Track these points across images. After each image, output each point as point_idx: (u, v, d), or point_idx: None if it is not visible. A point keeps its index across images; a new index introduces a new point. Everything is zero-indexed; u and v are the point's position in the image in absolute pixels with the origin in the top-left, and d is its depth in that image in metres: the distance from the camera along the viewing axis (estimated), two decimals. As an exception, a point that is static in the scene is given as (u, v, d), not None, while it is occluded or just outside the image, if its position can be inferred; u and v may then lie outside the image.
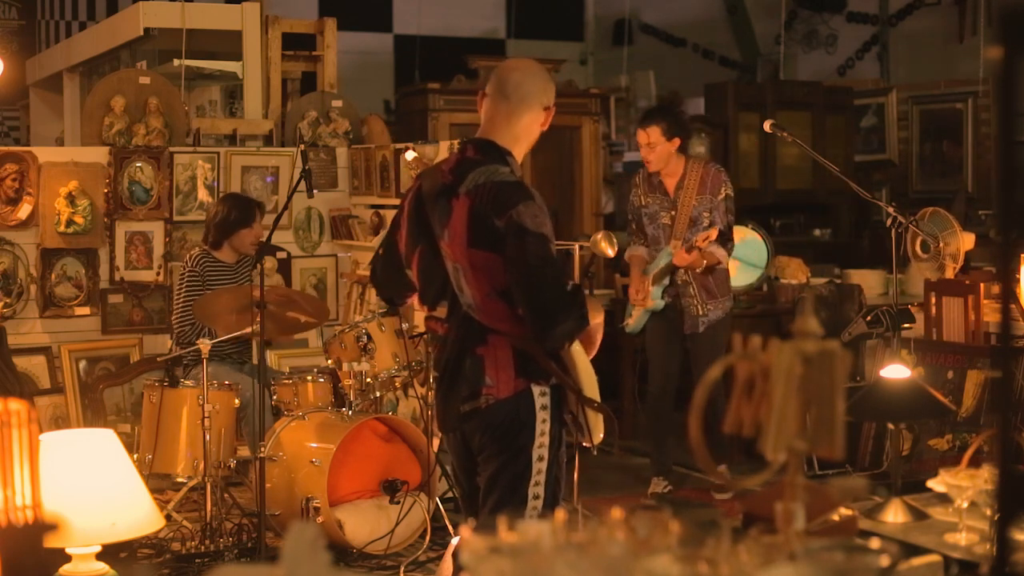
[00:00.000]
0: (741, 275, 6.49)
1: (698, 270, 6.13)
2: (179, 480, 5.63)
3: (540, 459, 3.38)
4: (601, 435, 3.51)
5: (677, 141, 6.16)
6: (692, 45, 11.88)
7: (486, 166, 3.36)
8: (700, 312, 6.23)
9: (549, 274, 3.25)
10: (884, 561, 1.54)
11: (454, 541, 4.51)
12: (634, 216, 6.37)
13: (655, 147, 6.13)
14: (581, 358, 3.44)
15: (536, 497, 3.39)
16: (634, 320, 6.41)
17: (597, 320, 3.42)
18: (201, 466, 5.42)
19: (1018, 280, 5.19)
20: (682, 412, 7.63)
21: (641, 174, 6.37)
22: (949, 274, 6.21)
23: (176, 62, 7.91)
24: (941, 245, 6.20)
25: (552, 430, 3.40)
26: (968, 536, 2.90)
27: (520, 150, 3.49)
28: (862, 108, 10.02)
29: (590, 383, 3.45)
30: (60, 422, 6.69)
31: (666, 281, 6.22)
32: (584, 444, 3.54)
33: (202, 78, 8.73)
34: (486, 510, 3.42)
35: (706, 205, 6.18)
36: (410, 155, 6.19)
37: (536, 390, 3.36)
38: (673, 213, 6.20)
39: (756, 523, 1.71)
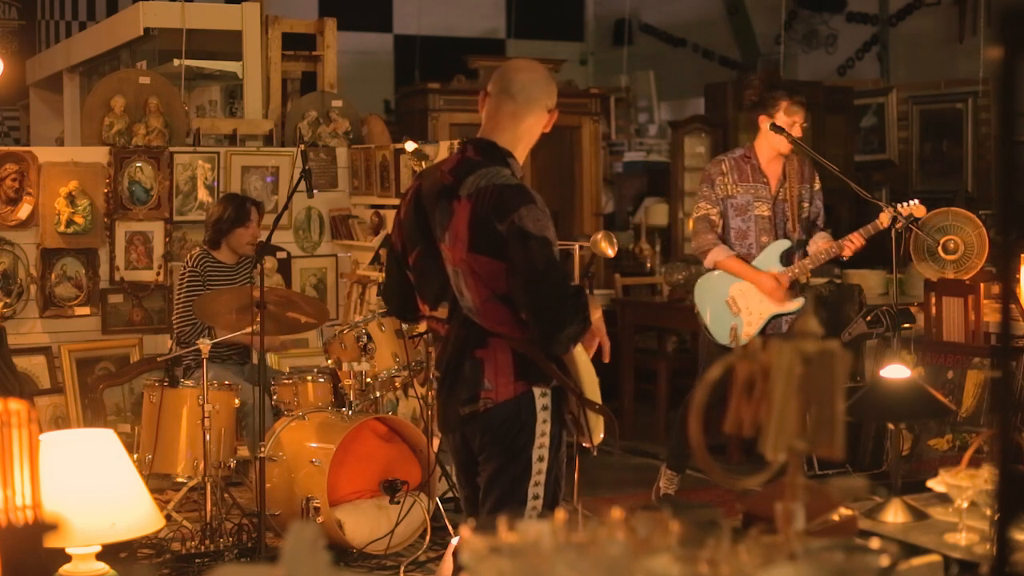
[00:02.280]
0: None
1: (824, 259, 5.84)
2: (179, 480, 5.64)
3: (540, 459, 3.38)
4: (601, 436, 3.50)
5: None
6: (692, 45, 11.89)
7: (487, 168, 3.34)
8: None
9: (553, 278, 3.24)
10: (884, 561, 1.54)
11: (454, 541, 4.51)
12: (718, 206, 5.78)
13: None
14: (582, 359, 3.43)
15: (536, 497, 3.38)
16: (755, 330, 5.76)
17: (597, 315, 3.41)
18: (201, 466, 5.42)
19: (1018, 280, 5.19)
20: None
21: (727, 162, 5.82)
22: (971, 272, 6.15)
23: (176, 62, 7.92)
24: (960, 244, 6.16)
25: (552, 431, 3.39)
26: (968, 536, 2.89)
27: (521, 151, 3.47)
28: (862, 108, 10.02)
29: (591, 384, 3.44)
30: (60, 422, 6.69)
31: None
32: (584, 445, 3.54)
33: (202, 78, 8.73)
34: (485, 510, 3.41)
35: (807, 196, 5.87)
36: (410, 146, 6.18)
37: (537, 391, 3.35)
38: (770, 204, 5.76)
39: (756, 523, 1.71)
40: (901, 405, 3.29)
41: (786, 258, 5.80)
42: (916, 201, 5.75)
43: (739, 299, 5.80)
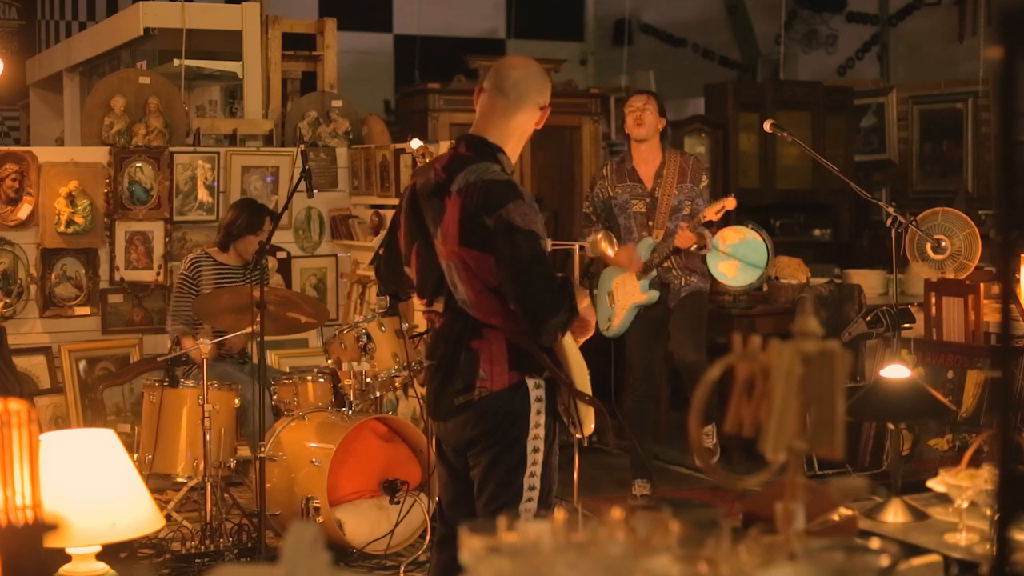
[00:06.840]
0: (741, 275, 6.45)
1: (692, 248, 6.00)
2: (179, 480, 5.64)
3: (535, 451, 3.41)
4: (592, 427, 3.54)
5: (663, 122, 6.20)
6: (692, 45, 11.88)
7: (477, 164, 3.40)
8: (683, 283, 6.19)
9: (538, 271, 3.29)
10: (884, 561, 1.54)
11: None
12: (599, 209, 6.24)
13: (649, 112, 6.11)
14: (573, 351, 3.48)
15: (532, 489, 3.41)
16: (620, 321, 6.21)
17: (584, 303, 3.45)
18: (201, 466, 5.42)
19: (1018, 280, 5.19)
20: (678, 412, 7.61)
21: (609, 166, 6.28)
22: (965, 273, 6.13)
23: (176, 62, 7.91)
24: (948, 244, 6.14)
25: (547, 422, 3.43)
26: (968, 536, 2.90)
27: (513, 147, 3.51)
28: (862, 108, 10.01)
29: (581, 376, 3.49)
30: (60, 422, 6.69)
31: (653, 273, 6.09)
32: (576, 435, 3.57)
33: (202, 78, 8.73)
34: (481, 503, 3.43)
35: (687, 194, 6.15)
36: (415, 143, 6.14)
37: (530, 383, 3.41)
38: (647, 200, 6.13)
39: (756, 523, 1.71)
40: (901, 405, 3.30)
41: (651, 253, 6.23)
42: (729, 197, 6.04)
43: (615, 291, 6.25)
